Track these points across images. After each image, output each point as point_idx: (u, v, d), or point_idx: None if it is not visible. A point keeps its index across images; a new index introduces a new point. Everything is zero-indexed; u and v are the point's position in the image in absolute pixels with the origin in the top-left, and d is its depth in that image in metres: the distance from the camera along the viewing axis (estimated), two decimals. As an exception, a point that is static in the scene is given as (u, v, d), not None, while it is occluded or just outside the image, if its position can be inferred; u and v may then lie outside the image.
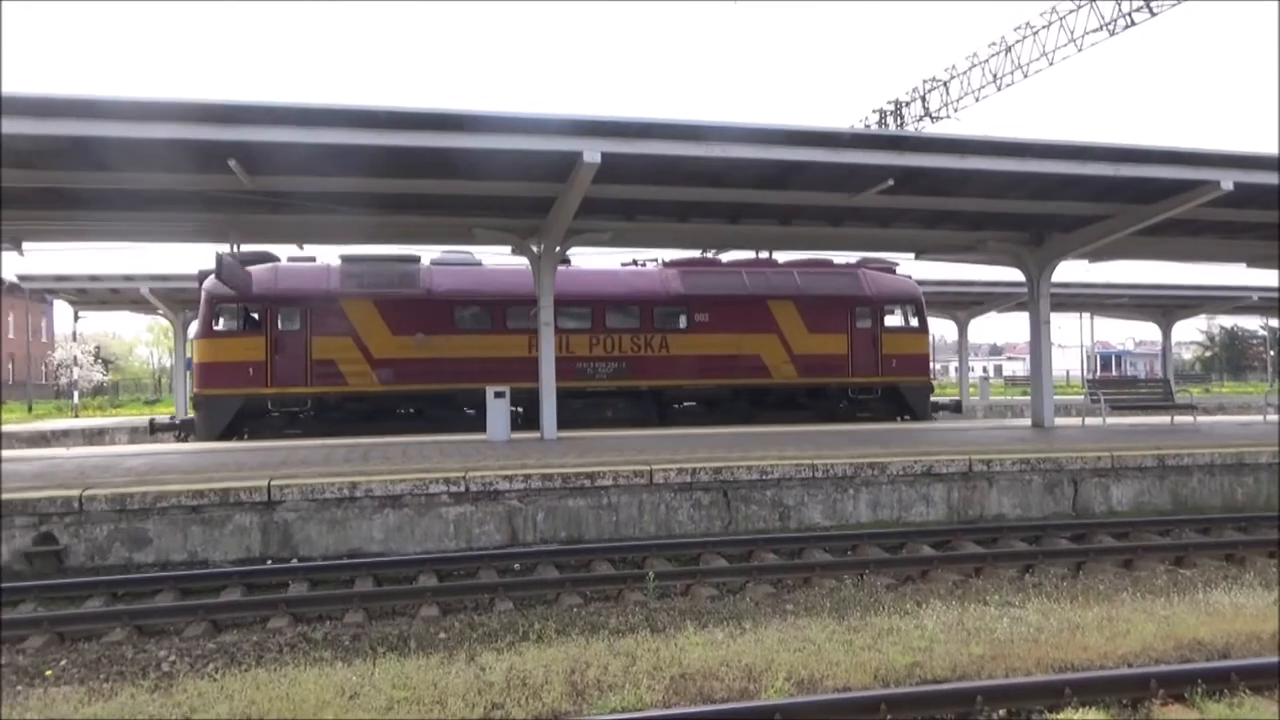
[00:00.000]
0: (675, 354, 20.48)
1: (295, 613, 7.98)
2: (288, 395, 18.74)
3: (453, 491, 10.52)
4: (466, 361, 19.27)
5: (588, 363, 20.15)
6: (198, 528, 9.92)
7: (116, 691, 5.93)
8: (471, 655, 6.46)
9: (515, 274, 20.27)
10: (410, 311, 19.33)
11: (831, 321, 21.17)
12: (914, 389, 21.68)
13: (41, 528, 9.60)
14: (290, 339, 18.85)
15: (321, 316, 18.96)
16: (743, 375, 20.70)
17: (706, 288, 20.96)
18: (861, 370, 21.33)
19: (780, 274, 21.66)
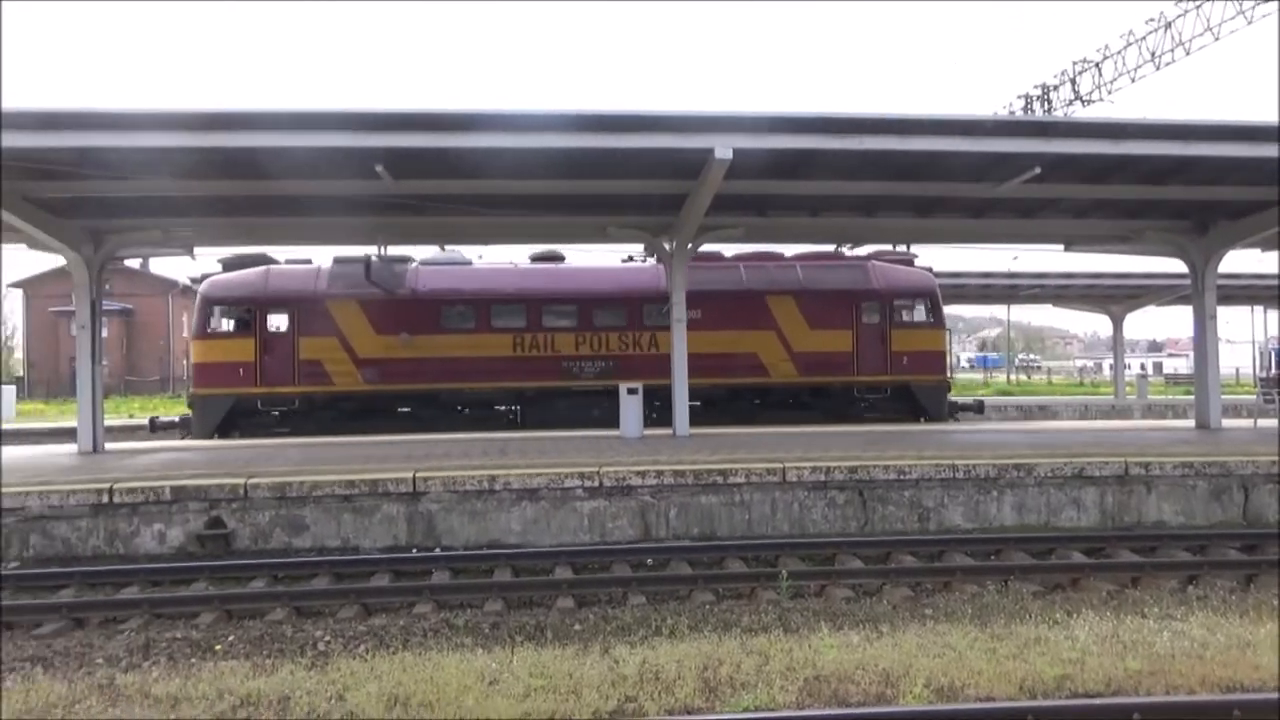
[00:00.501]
0: (665, 352, 18.88)
1: (439, 600, 8.31)
2: (276, 395, 19.11)
3: (587, 486, 10.71)
4: (452, 361, 19.28)
5: (573, 361, 19.73)
6: (350, 516, 10.47)
7: (277, 667, 6.33)
8: (606, 648, 6.56)
9: (500, 272, 20.43)
10: (395, 312, 19.39)
11: (835, 317, 20.03)
12: (927, 388, 20.23)
13: (212, 512, 10.35)
14: (278, 340, 19.22)
15: (308, 318, 19.24)
16: (738, 374, 19.82)
17: (699, 283, 19.58)
18: (868, 368, 20.16)
19: (781, 268, 20.64)
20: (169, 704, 5.65)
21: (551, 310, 19.61)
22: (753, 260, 20.89)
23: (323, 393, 19.17)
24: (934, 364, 20.37)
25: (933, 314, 20.60)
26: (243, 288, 19.63)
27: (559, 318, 19.73)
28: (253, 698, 5.68)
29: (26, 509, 10.13)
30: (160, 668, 6.46)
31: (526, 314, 19.60)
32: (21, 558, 10.03)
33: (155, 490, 10.27)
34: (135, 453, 14.49)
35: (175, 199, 13.62)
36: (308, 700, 5.58)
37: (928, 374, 20.18)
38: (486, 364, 19.30)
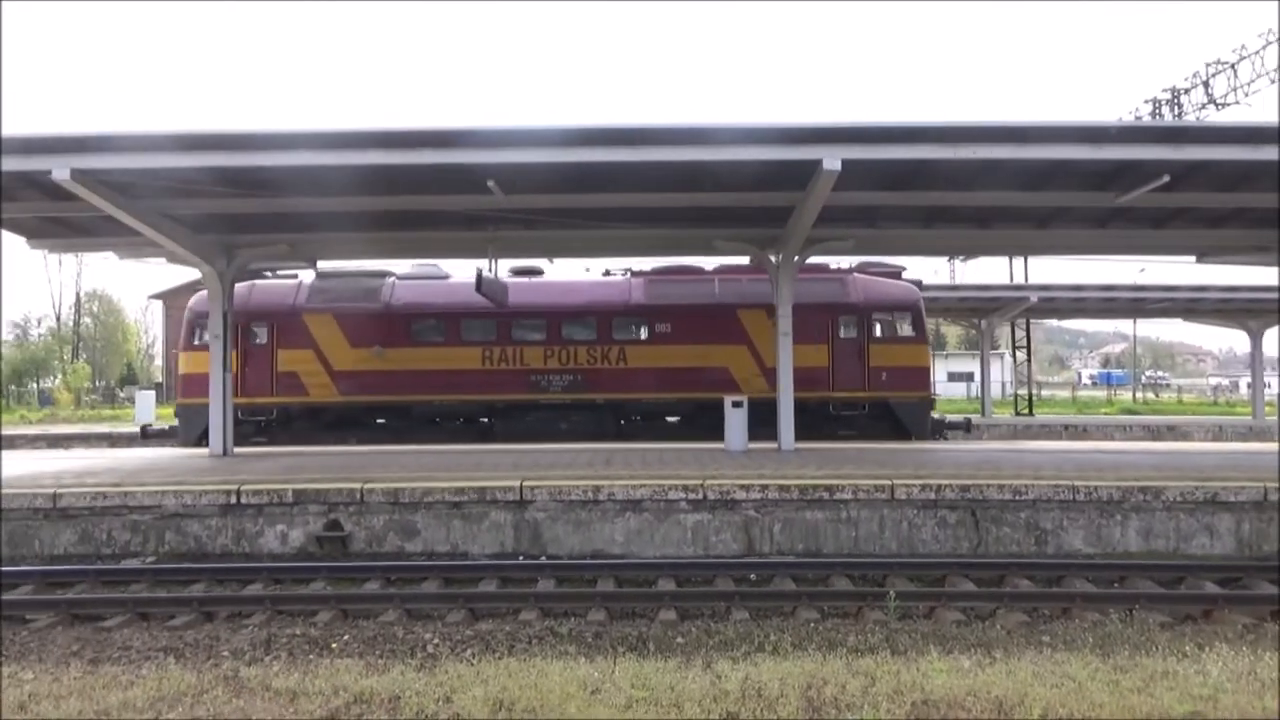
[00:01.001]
0: (633, 366, 19.57)
1: (544, 607, 8.43)
2: (255, 405, 19.67)
3: (691, 499, 10.70)
4: (423, 374, 19.53)
5: (542, 375, 19.75)
6: (459, 522, 10.74)
7: (389, 667, 6.54)
8: (708, 662, 6.53)
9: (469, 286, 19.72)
10: (369, 325, 19.81)
11: (809, 331, 19.14)
12: (908, 405, 19.50)
13: (330, 515, 10.78)
14: (258, 352, 19.86)
15: (286, 331, 19.83)
16: (708, 388, 19.22)
17: (670, 297, 19.98)
18: (845, 384, 19.57)
19: (755, 281, 19.88)
20: (288, 697, 5.90)
21: (520, 324, 19.76)
22: (729, 273, 20.50)
23: (299, 403, 19.74)
24: (915, 380, 19.68)
25: (914, 328, 19.91)
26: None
27: (528, 331, 19.80)
28: (365, 695, 5.88)
29: (163, 507, 10.77)
30: (281, 662, 6.76)
31: (496, 328, 19.81)
32: (157, 552, 10.66)
33: (279, 493, 10.78)
34: (260, 456, 15.23)
35: (301, 214, 14.32)
36: (417, 701, 5.74)
37: (908, 390, 19.48)
38: (457, 377, 19.55)
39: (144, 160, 11.51)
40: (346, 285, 20.68)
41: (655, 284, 20.45)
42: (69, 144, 11.48)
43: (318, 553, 10.64)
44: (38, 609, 8.47)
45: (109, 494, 10.80)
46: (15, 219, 14.63)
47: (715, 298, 20.11)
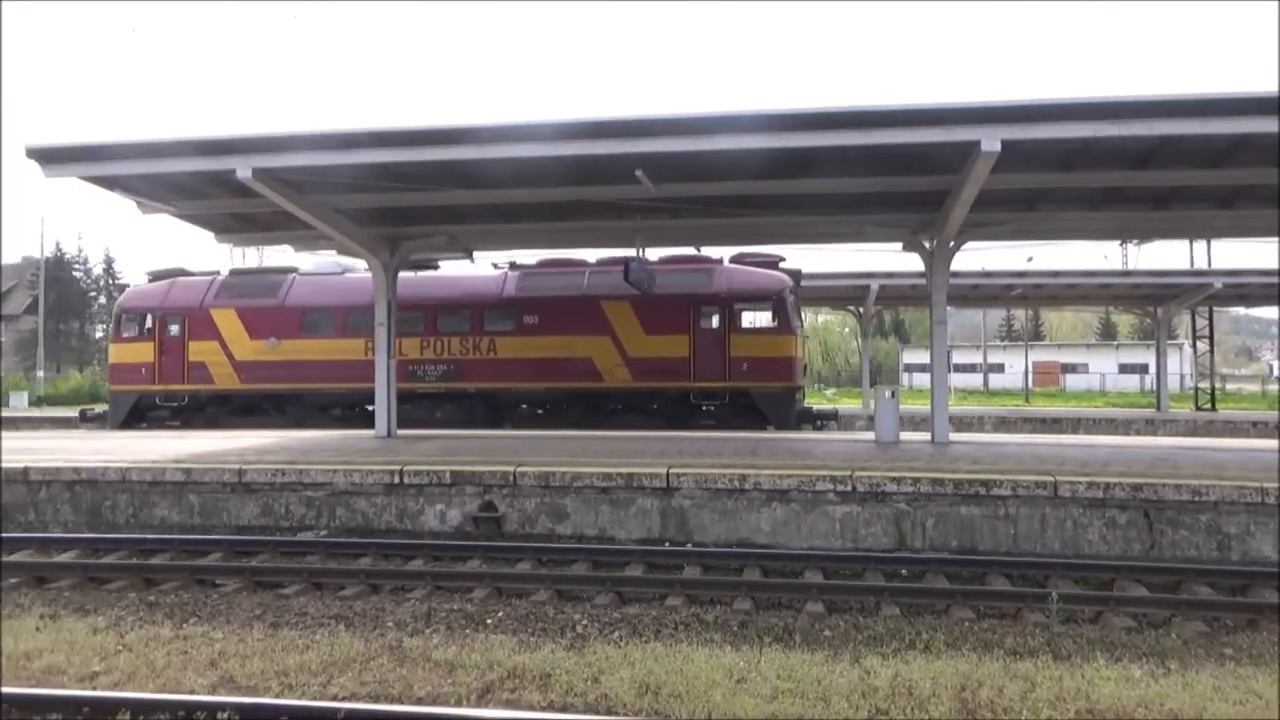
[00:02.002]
0: (503, 357, 20.31)
1: (689, 594, 8.49)
2: (170, 391, 21.82)
3: (839, 490, 10.51)
4: (314, 364, 20.86)
5: (419, 365, 20.69)
6: (607, 507, 10.95)
7: (540, 645, 6.76)
8: (856, 657, 6.41)
9: (358, 281, 21.34)
10: (267, 319, 21.42)
11: (671, 322, 19.62)
12: (769, 395, 19.37)
13: (485, 497, 11.21)
14: (173, 344, 21.83)
15: (196, 325, 21.74)
16: (573, 378, 19.86)
17: (539, 290, 20.60)
18: (706, 374, 19.59)
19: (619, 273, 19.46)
20: (446, 669, 6.19)
21: (400, 316, 19.74)
22: (605, 266, 20.68)
23: (207, 391, 21.69)
24: (779, 370, 19.48)
25: (777, 318, 19.66)
26: (147, 298, 22.84)
27: (406, 324, 20.03)
28: (518, 671, 6.10)
29: (334, 485, 11.48)
30: (440, 635, 7.09)
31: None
32: (329, 527, 11.38)
33: (438, 474, 11.29)
34: (420, 438, 15.99)
35: (458, 207, 14.90)
36: (566, 679, 5.91)
37: (771, 380, 19.27)
38: (342, 367, 20.63)
39: (316, 158, 12.26)
40: (251, 282, 22.81)
41: (528, 277, 21.20)
42: (250, 145, 12.36)
43: (474, 532, 11.09)
44: (226, 575, 9.21)
45: (286, 471, 11.61)
46: (204, 215, 15.91)
47: (582, 290, 20.58)
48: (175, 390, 22.11)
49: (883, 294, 30.02)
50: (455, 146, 11.86)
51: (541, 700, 5.61)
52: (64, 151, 12.82)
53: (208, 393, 21.98)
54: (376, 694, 5.74)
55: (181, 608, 8.09)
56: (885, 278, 28.36)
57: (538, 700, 5.61)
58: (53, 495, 12.04)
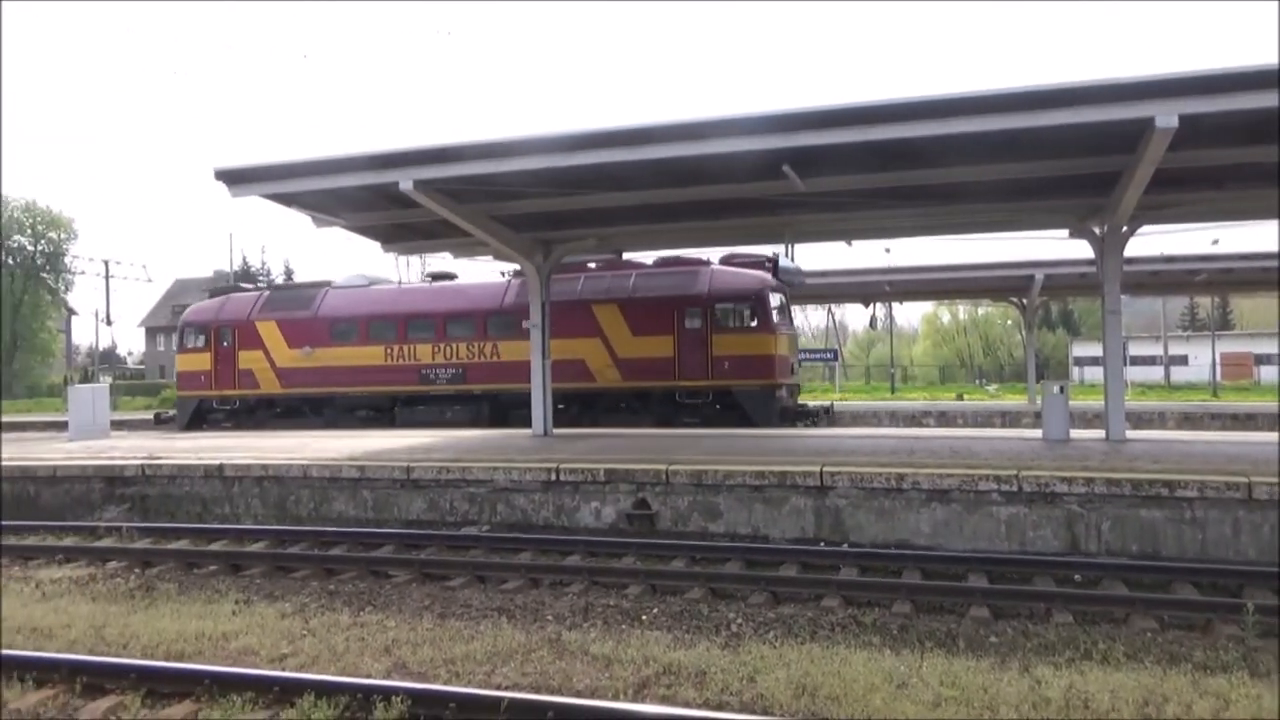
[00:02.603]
0: (505, 360, 21.39)
1: (846, 595, 8.32)
2: (224, 396, 24.44)
3: (1004, 490, 10.04)
4: (342, 370, 22.97)
5: (430, 369, 22.31)
6: (760, 506, 10.88)
7: (695, 642, 6.79)
8: (1026, 665, 6.11)
9: (378, 293, 24.14)
10: (302, 329, 23.60)
11: (657, 323, 20.40)
12: (749, 393, 19.79)
13: (639, 494, 11.36)
14: (225, 353, 24.31)
15: (245, 336, 24.14)
16: (567, 380, 20.40)
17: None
18: (690, 373, 20.20)
19: (618, 277, 21.45)
20: (603, 663, 6.31)
21: (414, 324, 22.58)
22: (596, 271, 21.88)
23: (254, 395, 24.09)
24: (759, 368, 19.77)
25: (756, 318, 19.96)
26: (205, 313, 25.58)
27: (420, 331, 22.45)
28: (673, 667, 6.15)
29: (494, 482, 11.91)
30: (597, 629, 7.24)
31: (395, 328, 22.82)
32: (490, 522, 11.82)
33: (592, 472, 11.53)
34: (575, 437, 16.37)
35: (608, 209, 15.16)
36: (722, 678, 5.91)
37: (752, 378, 19.56)
38: (366, 372, 22.75)
39: (472, 168, 12.75)
40: (289, 296, 25.28)
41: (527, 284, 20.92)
42: (411, 158, 12.99)
43: (628, 529, 11.26)
44: (397, 566, 9.73)
45: (450, 469, 12.14)
46: (371, 226, 16.84)
47: (575, 295, 21.40)
48: (228, 395, 24.67)
49: (1048, 284, 28.55)
50: (605, 150, 12.07)
51: (697, 698, 5.63)
52: (247, 173, 13.88)
53: (255, 397, 24.34)
54: (538, 685, 5.91)
55: (358, 596, 8.60)
56: (1050, 267, 26.94)
57: (693, 697, 5.64)
58: (244, 490, 13.05)
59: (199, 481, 13.25)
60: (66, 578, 9.63)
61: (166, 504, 13.32)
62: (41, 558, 10.71)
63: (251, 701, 5.65)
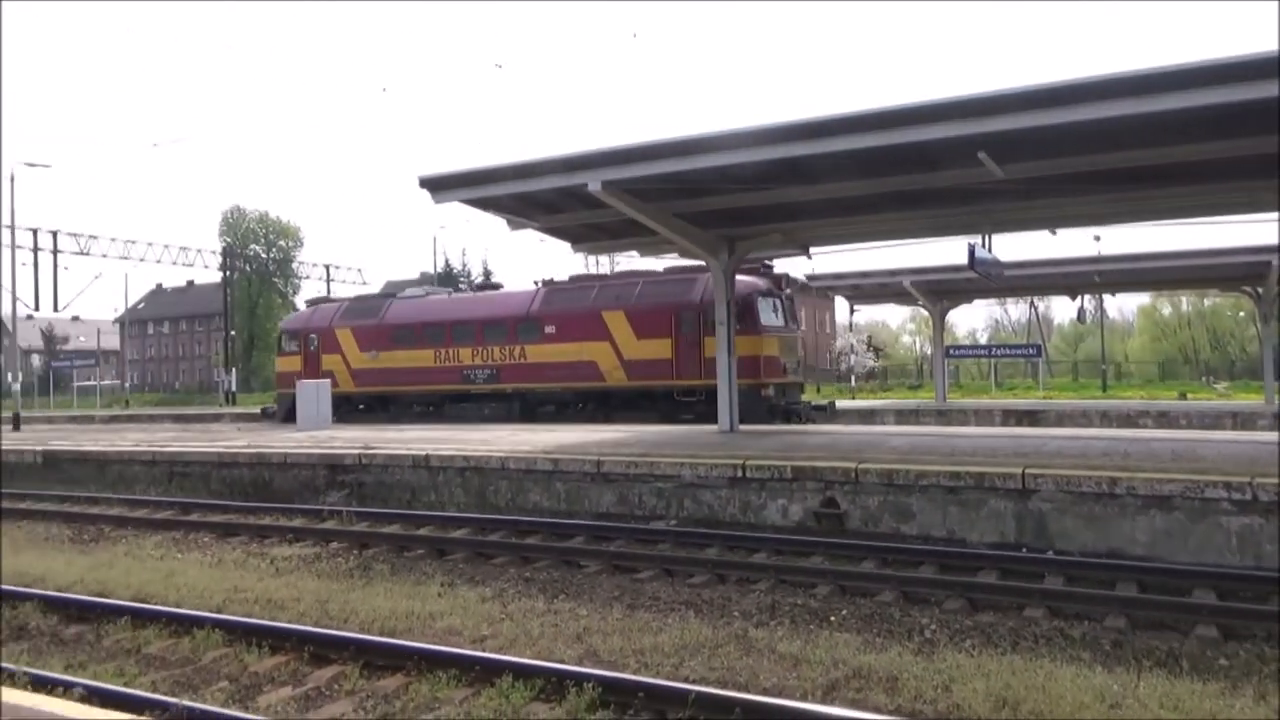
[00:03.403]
0: (531, 362, 23.68)
1: (1051, 606, 7.83)
2: None
3: (1235, 499, 9.11)
4: (400, 370, 25.63)
5: (470, 370, 24.64)
6: (955, 508, 10.42)
7: (886, 647, 6.60)
8: (1262, 693, 5.54)
9: (431, 302, 27.41)
10: (370, 335, 26.63)
11: (657, 327, 22.04)
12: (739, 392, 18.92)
13: (827, 493, 11.16)
14: (312, 356, 27.59)
15: (327, 340, 27.46)
16: (582, 379, 22.86)
17: (557, 304, 23.98)
18: (686, 374, 21.57)
19: (625, 286, 23.55)
20: (791, 662, 6.26)
21: (457, 330, 25.18)
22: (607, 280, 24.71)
23: (336, 393, 25.46)
24: (745, 368, 19.80)
25: (743, 321, 20.36)
26: (297, 321, 29.74)
27: (462, 336, 24.97)
28: (863, 671, 6.01)
29: (680, 477, 12.05)
30: (784, 628, 7.18)
31: (442, 333, 25.39)
32: (678, 517, 11.97)
33: (779, 469, 11.43)
34: (761, 434, 16.29)
35: (793, 204, 14.97)
36: (915, 685, 5.72)
37: (740, 378, 18.91)
38: (419, 373, 25.36)
39: (657, 167, 12.94)
40: (362, 306, 28.65)
41: (550, 293, 24.79)
42: (599, 159, 13.33)
43: (815, 528, 11.09)
44: (588, 557, 10.04)
45: (639, 464, 12.39)
46: (562, 228, 17.43)
47: (589, 303, 23.47)
48: None
49: (1289, 269, 25.61)
50: (789, 143, 11.93)
51: (889, 703, 5.48)
52: (447, 180, 14.73)
53: (335, 394, 26.41)
54: (724, 680, 5.94)
55: (552, 584, 8.95)
56: (1291, 251, 24.16)
57: (885, 703, 5.49)
58: (448, 479, 13.87)
59: (408, 471, 14.20)
60: (296, 555, 10.59)
61: (380, 490, 14.38)
62: (274, 537, 11.83)
63: (456, 679, 6.01)
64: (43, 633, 7.68)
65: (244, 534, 12.08)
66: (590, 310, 23.40)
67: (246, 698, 6.00)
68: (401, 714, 5.63)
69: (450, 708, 5.65)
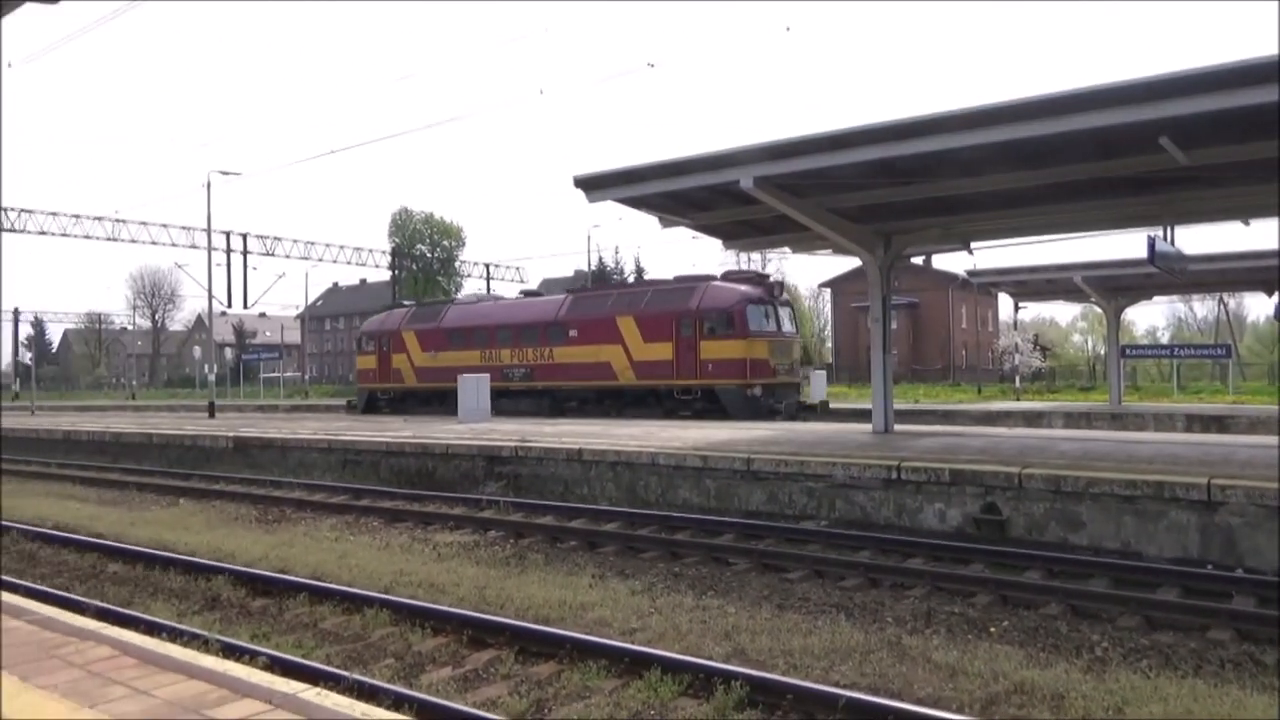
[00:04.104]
0: (559, 362, 26.51)
1: (1240, 628, 7.22)
2: (384, 389, 32.18)
3: None
4: (452, 369, 27.27)
5: (509, 369, 27.73)
6: (1130, 518, 9.76)
7: (1051, 662, 6.27)
8: None
9: (480, 307, 31.78)
10: (431, 337, 30.63)
11: (660, 332, 24.30)
12: (726, 390, 23.13)
13: (986, 498, 10.69)
14: (384, 356, 31.94)
15: (395, 342, 31.65)
16: (599, 378, 25.54)
17: (579, 310, 26.99)
18: (684, 374, 23.80)
19: (636, 294, 26.68)
20: (947, 673, 6.04)
21: (499, 334, 28.72)
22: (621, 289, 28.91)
23: (399, 389, 31.42)
24: (733, 369, 23.03)
25: (732, 326, 23.43)
26: (373, 325, 33.94)
27: (503, 338, 28.53)
28: (1026, 686, 5.72)
29: (833, 477, 11.83)
30: (940, 637, 6.93)
31: (487, 336, 28.99)
32: (829, 517, 11.76)
33: (936, 471, 11.04)
34: (919, 435, 15.78)
35: (953, 197, 14.38)
36: (1083, 705, 5.40)
37: (729, 378, 22.90)
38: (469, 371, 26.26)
39: (810, 162, 12.72)
40: (425, 311, 32.74)
41: (575, 301, 28.13)
42: (750, 155, 13.21)
43: (974, 534, 10.65)
44: (737, 555, 10.01)
45: (789, 462, 12.26)
46: (713, 225, 17.42)
47: (605, 310, 26.39)
48: (387, 387, 32.24)
49: None
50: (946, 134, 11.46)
51: (1053, 722, 5.19)
52: (602, 179, 14.98)
53: (402, 389, 31.47)
54: (876, 687, 5.80)
55: (700, 580, 8.98)
56: None
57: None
58: (600, 473, 14.15)
59: (561, 464, 14.58)
60: (456, 542, 11.08)
61: (535, 482, 14.83)
62: (437, 524, 12.41)
63: (605, 669, 6.13)
64: (232, 604, 8.35)
65: (409, 520, 12.73)
66: (606, 316, 26.22)
67: (411, 675, 6.32)
68: (554, 700, 5.79)
69: (600, 697, 5.77)
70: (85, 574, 9.97)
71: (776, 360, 24.28)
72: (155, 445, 22.67)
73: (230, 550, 10.43)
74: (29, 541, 11.72)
